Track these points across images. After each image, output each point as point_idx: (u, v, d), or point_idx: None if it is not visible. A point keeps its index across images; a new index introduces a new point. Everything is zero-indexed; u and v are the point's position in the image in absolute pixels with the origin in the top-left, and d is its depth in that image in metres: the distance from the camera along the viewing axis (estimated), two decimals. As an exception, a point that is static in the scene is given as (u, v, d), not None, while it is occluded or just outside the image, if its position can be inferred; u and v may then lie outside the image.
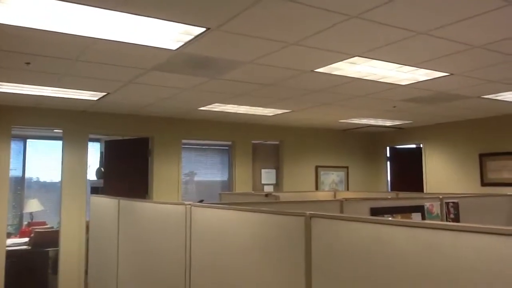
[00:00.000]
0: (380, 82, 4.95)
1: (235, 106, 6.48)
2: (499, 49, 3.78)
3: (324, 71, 4.48)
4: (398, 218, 4.22)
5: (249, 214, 2.35)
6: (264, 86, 5.15)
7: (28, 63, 4.12)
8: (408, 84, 5.08)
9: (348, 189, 9.33)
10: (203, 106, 6.52)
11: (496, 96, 5.85)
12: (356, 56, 3.94)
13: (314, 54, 3.89)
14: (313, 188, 8.98)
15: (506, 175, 7.43)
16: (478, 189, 7.78)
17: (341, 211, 3.85)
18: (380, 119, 7.93)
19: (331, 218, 1.89)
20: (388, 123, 8.37)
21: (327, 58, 4.03)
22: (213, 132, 8.11)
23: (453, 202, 4.61)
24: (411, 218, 4.32)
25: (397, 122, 8.32)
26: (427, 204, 4.44)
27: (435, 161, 8.66)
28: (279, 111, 6.97)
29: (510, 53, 3.92)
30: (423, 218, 4.34)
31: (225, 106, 6.46)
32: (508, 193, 4.95)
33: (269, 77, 4.72)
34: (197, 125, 7.93)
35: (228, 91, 5.43)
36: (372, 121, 8.13)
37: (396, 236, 1.56)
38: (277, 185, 9.07)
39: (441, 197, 4.53)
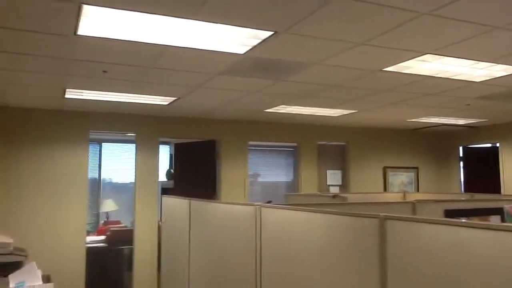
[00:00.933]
0: (453, 79, 4.76)
1: (300, 107, 6.48)
2: None
3: (393, 70, 4.37)
4: (475, 221, 4.03)
5: (320, 215, 2.35)
6: (330, 87, 5.12)
7: (105, 71, 4.38)
8: (483, 81, 4.85)
9: (418, 191, 9.02)
10: (269, 108, 6.58)
11: None
12: (427, 53, 3.82)
13: (383, 53, 3.81)
14: (381, 189, 8.77)
15: None
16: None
17: (414, 213, 3.74)
18: (452, 118, 7.60)
19: (406, 220, 1.86)
20: (460, 121, 8.00)
21: (397, 57, 3.94)
22: (279, 134, 8.15)
23: (535, 205, 4.34)
24: (489, 221, 4.12)
25: (470, 121, 7.94)
26: (506, 206, 4.21)
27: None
28: (345, 112, 6.89)
29: None
30: (503, 221, 4.12)
31: (291, 107, 6.49)
32: None
33: (335, 78, 4.69)
34: (263, 127, 8.01)
35: (293, 92, 5.45)
36: (443, 120, 7.81)
37: (475, 239, 1.50)
38: (343, 187, 8.95)
39: (523, 200, 4.28)
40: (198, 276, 4.23)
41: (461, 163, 9.29)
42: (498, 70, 4.41)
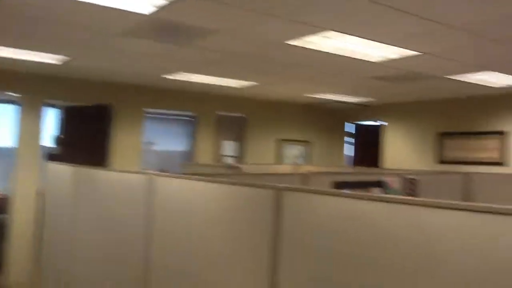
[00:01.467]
0: (352, 58, 4.93)
1: (202, 76, 6.33)
2: (474, 29, 3.82)
3: (297, 44, 4.41)
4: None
5: (217, 185, 2.28)
6: (235, 57, 5.04)
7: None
8: (379, 62, 5.09)
9: (310, 164, 9.42)
10: (169, 74, 6.34)
11: (461, 77, 5.97)
12: (330, 30, 3.89)
13: (288, 26, 3.81)
14: (275, 161, 9.01)
15: (462, 154, 7.69)
16: (434, 166, 8.03)
17: (305, 185, 3.85)
18: (346, 96, 7.98)
19: (304, 192, 1.85)
20: (353, 99, 8.44)
21: (301, 31, 3.96)
22: (177, 102, 7.93)
23: (412, 178, 4.70)
24: (371, 193, 4.39)
25: (362, 99, 8.40)
26: (387, 180, 4.52)
27: (395, 138, 8.85)
28: (247, 84, 6.88)
29: (482, 35, 3.97)
30: (383, 192, 4.42)
31: (192, 75, 6.31)
32: (463, 171, 5.07)
33: (241, 47, 4.61)
34: (161, 94, 7.73)
35: (196, 60, 5.28)
36: (338, 97, 8.17)
37: (373, 212, 1.52)
38: (239, 158, 9.03)
39: (401, 172, 4.61)
40: (84, 250, 3.96)
41: (350, 139, 9.87)
42: (393, 52, 4.65)
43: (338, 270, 1.60)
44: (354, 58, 4.93)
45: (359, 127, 9.90)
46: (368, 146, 9.59)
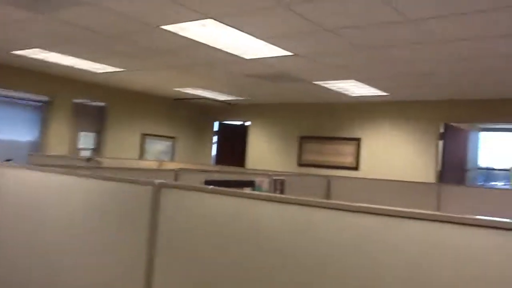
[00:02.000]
0: (228, 52, 4.80)
1: (60, 55, 5.62)
2: (345, 35, 3.94)
3: (171, 30, 4.11)
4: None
5: (82, 180, 1.93)
6: (101, 35, 4.53)
7: None
8: (254, 59, 5.04)
9: (174, 160, 9.11)
10: (20, 50, 5.51)
11: (326, 84, 6.24)
12: (210, 18, 3.69)
13: (165, 7, 3.50)
14: (137, 156, 8.52)
15: (320, 158, 8.12)
16: (295, 168, 8.35)
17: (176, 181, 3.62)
18: (216, 92, 7.86)
19: (185, 189, 1.64)
20: (222, 97, 8.36)
21: (178, 15, 3.68)
22: (28, 84, 7.00)
23: (280, 179, 4.77)
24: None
25: (230, 97, 8.37)
26: (257, 180, 4.49)
27: (259, 139, 9.02)
28: (111, 69, 6.32)
29: (354, 42, 4.13)
30: (254, 193, 4.37)
31: (48, 53, 5.56)
32: (323, 174, 5.32)
33: (110, 25, 4.14)
34: (9, 72, 6.73)
35: (55, 34, 4.62)
36: (207, 93, 8.01)
37: (256, 210, 1.43)
38: (97, 151, 8.34)
39: (270, 173, 4.63)
40: None
41: (215, 137, 9.81)
42: (270, 50, 4.62)
43: (215, 270, 1.47)
44: (230, 53, 4.81)
45: (223, 126, 9.88)
46: (232, 146, 9.63)
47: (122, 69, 6.30)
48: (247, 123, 9.39)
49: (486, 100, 6.60)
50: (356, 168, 7.69)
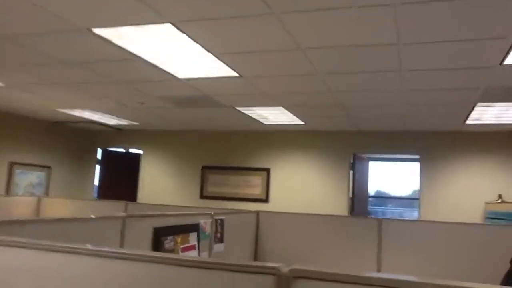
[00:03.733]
0: (162, 69, 4.02)
1: None
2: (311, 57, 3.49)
3: (105, 36, 3.21)
4: (179, 240, 3.41)
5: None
6: (-7, 36, 3.37)
7: None
8: (188, 79, 4.31)
9: (48, 194, 7.62)
10: None
11: (248, 110, 5.74)
12: (169, 22, 2.92)
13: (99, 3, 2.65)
14: (3, 190, 6.90)
15: (225, 189, 7.51)
16: (197, 201, 7.60)
17: (122, 233, 2.75)
18: (108, 116, 6.76)
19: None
20: (113, 121, 7.27)
21: (129, 16, 2.83)
22: None
23: (220, 219, 4.10)
24: (189, 240, 3.58)
25: (123, 122, 7.32)
26: (201, 222, 3.76)
27: (155, 168, 8.06)
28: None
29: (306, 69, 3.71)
30: (198, 238, 3.66)
31: None
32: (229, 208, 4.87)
33: (18, 23, 3.07)
34: None
35: None
36: (97, 116, 6.86)
37: None
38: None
39: (212, 213, 3.95)
40: None
41: (98, 166, 8.53)
42: (213, 69, 3.95)
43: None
44: (163, 70, 4.02)
45: (108, 154, 8.66)
46: (120, 177, 8.47)
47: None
48: (138, 151, 8.36)
49: (384, 131, 6.77)
50: (265, 200, 7.25)
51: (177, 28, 3.00)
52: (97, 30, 3.13)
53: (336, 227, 4.11)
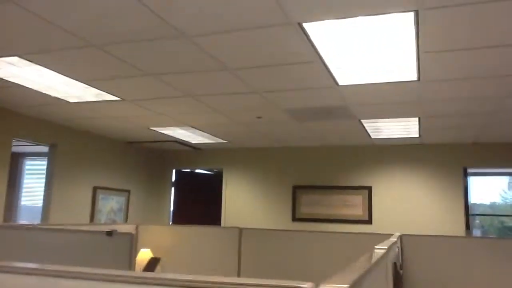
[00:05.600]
0: (45, 93, 4.16)
1: None
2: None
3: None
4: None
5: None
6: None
7: None
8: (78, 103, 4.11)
9: (127, 220, 7.07)
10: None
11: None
12: (16, 56, 2.57)
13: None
14: (88, 217, 6.36)
15: (321, 210, 6.90)
16: (289, 224, 6.99)
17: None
18: (200, 132, 6.23)
19: None
20: (198, 139, 6.73)
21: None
22: None
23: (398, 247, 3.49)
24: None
25: (209, 140, 6.78)
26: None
27: (238, 190, 7.49)
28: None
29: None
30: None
31: None
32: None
33: None
34: None
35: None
36: (183, 134, 6.34)
37: None
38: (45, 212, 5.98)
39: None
40: None
41: (173, 188, 7.97)
42: (93, 94, 4.20)
43: None
44: (47, 94, 3.72)
45: (184, 175, 8.11)
46: (198, 199, 7.90)
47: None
48: (219, 171, 7.81)
49: (503, 143, 6.17)
50: (369, 221, 6.63)
51: (27, 60, 2.46)
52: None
53: (496, 250, 3.42)
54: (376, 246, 2.36)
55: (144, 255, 4.05)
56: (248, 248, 3.88)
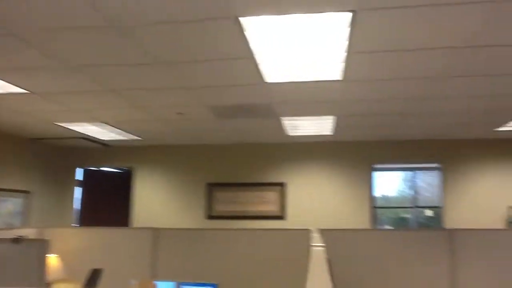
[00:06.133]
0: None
1: None
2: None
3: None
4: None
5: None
6: None
7: None
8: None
9: (28, 223, 6.47)
10: None
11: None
12: None
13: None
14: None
15: (236, 208, 6.91)
16: (203, 222, 6.91)
17: None
18: (111, 128, 5.90)
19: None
20: (110, 135, 6.37)
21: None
22: None
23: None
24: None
25: (121, 137, 6.45)
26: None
27: (150, 188, 7.22)
28: None
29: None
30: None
31: None
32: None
33: None
34: None
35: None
36: (92, 130, 5.97)
37: None
38: None
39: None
40: None
41: (80, 188, 7.47)
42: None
43: None
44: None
45: (91, 174, 7.62)
46: (106, 198, 7.49)
47: None
48: (129, 169, 7.47)
49: (403, 141, 6.69)
50: (282, 217, 6.78)
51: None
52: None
53: (400, 242, 3.65)
54: (312, 244, 2.40)
55: (52, 261, 3.72)
56: (164, 249, 3.74)
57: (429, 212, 7.07)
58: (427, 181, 7.21)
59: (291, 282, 3.44)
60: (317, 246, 2.14)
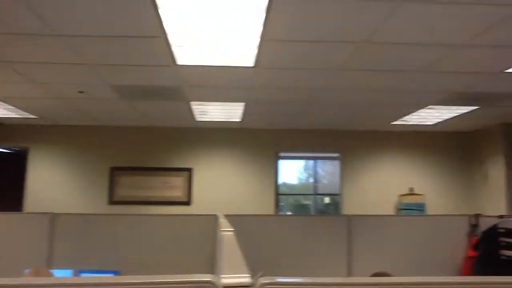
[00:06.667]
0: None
1: None
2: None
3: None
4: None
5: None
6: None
7: None
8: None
9: None
10: None
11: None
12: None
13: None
14: None
15: (141, 193, 6.72)
16: (105, 207, 6.63)
17: None
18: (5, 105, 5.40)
19: None
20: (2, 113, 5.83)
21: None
22: None
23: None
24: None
25: (15, 115, 5.94)
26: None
27: (47, 171, 6.75)
28: None
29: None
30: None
31: None
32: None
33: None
34: None
35: None
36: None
37: None
38: None
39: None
40: None
41: (-38, 170, 6.75)
42: None
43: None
44: None
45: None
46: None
47: None
48: (24, 150, 6.90)
49: (308, 130, 6.97)
50: (188, 202, 6.72)
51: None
52: None
53: (304, 227, 3.84)
54: (221, 229, 2.39)
55: None
56: (61, 235, 3.51)
57: (327, 200, 7.46)
58: (327, 170, 7.58)
59: (196, 267, 3.42)
60: (227, 231, 2.14)
